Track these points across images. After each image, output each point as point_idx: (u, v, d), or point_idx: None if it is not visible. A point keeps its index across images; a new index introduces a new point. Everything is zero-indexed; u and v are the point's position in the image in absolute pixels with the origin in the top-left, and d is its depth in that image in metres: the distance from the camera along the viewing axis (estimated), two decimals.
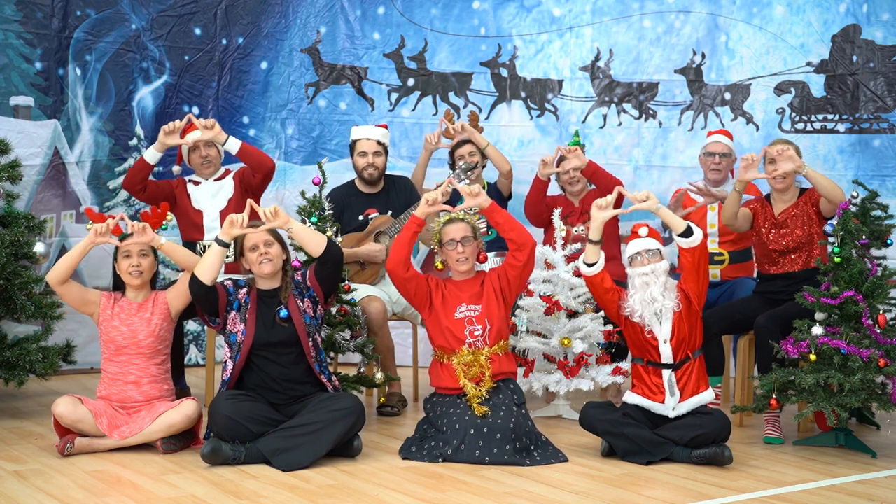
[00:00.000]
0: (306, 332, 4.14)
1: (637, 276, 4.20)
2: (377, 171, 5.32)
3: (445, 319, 4.32)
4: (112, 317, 4.27)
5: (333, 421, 3.94)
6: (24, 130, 5.77)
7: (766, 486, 3.78)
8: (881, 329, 4.29)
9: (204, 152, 5.20)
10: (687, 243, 4.15)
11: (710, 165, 5.55)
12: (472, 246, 4.37)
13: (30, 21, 5.84)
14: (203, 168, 5.23)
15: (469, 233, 4.37)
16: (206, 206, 5.16)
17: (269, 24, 6.59)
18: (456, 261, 4.36)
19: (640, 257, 4.23)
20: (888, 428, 4.88)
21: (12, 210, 5.08)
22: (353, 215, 5.30)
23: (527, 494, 3.59)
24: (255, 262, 4.17)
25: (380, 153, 5.32)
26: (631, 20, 6.71)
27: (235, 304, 4.17)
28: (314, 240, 4.19)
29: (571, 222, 5.48)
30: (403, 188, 5.45)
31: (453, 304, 4.34)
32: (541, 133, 6.74)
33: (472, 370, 4.23)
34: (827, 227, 4.51)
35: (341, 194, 5.34)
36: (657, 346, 4.19)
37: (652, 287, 4.15)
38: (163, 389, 4.29)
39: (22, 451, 4.13)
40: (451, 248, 4.36)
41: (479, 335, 4.29)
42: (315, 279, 4.23)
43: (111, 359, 4.26)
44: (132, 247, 4.26)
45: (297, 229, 4.17)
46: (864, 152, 6.31)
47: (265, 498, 3.49)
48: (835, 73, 6.41)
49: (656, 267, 4.19)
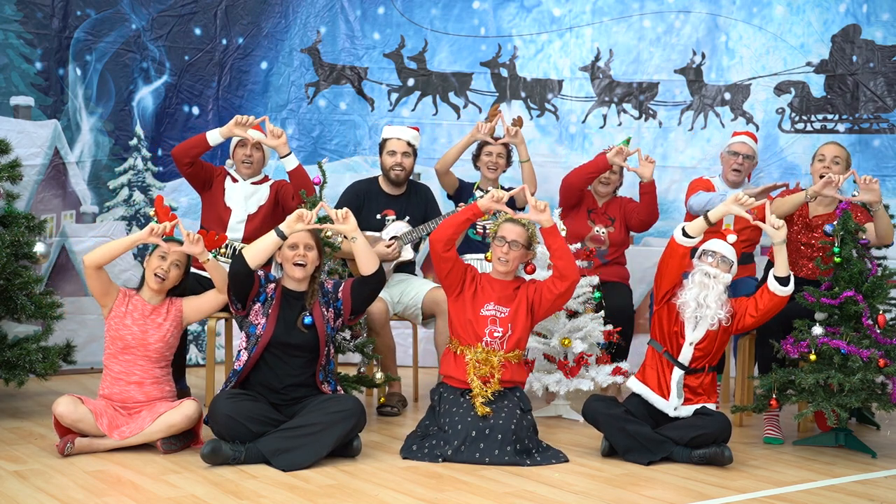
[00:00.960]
0: (325, 342, 4.15)
1: (700, 273, 4.21)
2: (404, 172, 5.31)
3: (471, 312, 4.32)
4: (125, 314, 4.25)
5: (334, 422, 3.94)
6: (24, 130, 5.77)
7: (766, 486, 3.78)
8: (881, 329, 4.29)
9: (249, 151, 5.16)
10: (778, 290, 4.14)
11: (732, 165, 5.54)
12: (518, 252, 4.35)
13: (30, 21, 5.84)
14: (243, 167, 5.19)
15: (522, 239, 4.36)
16: (237, 206, 5.13)
17: (269, 24, 6.59)
18: (497, 258, 4.36)
19: (711, 257, 4.24)
20: (888, 428, 4.88)
21: (12, 210, 5.07)
22: (372, 213, 5.29)
23: (527, 494, 3.59)
24: (288, 260, 4.15)
25: (409, 154, 5.31)
26: (631, 20, 6.71)
27: (262, 296, 4.16)
28: (370, 258, 4.20)
29: (594, 219, 5.59)
30: (424, 196, 5.44)
31: (482, 300, 4.34)
32: (541, 133, 6.74)
33: (482, 369, 4.23)
34: (827, 227, 4.51)
35: (363, 189, 5.33)
36: (681, 344, 4.20)
37: (709, 292, 4.16)
38: (164, 391, 4.29)
39: (22, 451, 4.13)
40: (498, 245, 4.36)
41: (498, 336, 4.28)
42: (349, 294, 4.22)
43: (115, 356, 4.24)
44: (172, 253, 4.26)
45: (361, 243, 4.18)
46: (864, 152, 6.31)
47: (265, 498, 3.49)
48: (835, 73, 6.41)
49: (721, 275, 4.20)
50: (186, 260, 4.35)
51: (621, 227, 5.66)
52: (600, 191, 5.67)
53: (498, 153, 5.62)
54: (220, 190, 5.19)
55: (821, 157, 5.03)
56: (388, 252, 5.13)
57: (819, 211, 4.91)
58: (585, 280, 4.98)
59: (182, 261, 4.31)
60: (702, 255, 4.27)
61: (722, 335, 4.24)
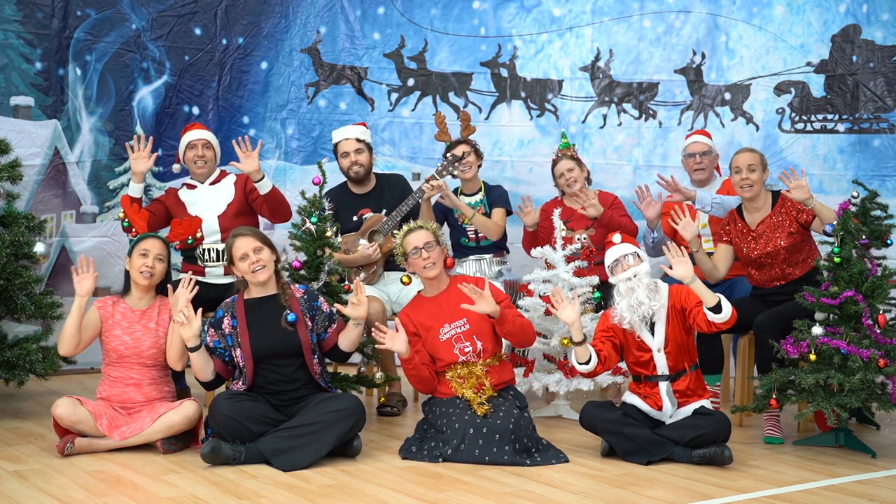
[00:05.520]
0: (309, 340, 4.14)
1: (621, 283, 4.15)
2: (363, 169, 5.29)
3: (431, 345, 4.28)
4: (113, 325, 4.23)
5: (334, 422, 3.94)
6: (24, 130, 5.77)
7: (766, 486, 3.78)
8: (881, 329, 4.28)
9: (201, 151, 5.14)
10: (715, 318, 4.01)
11: (693, 166, 5.55)
12: (436, 251, 4.31)
13: (30, 21, 5.84)
14: (197, 168, 5.15)
15: (431, 238, 4.33)
16: (204, 212, 5.06)
17: (270, 24, 6.59)
18: (423, 268, 4.30)
19: (620, 264, 4.20)
20: (888, 428, 4.88)
21: (12, 210, 5.08)
22: (348, 216, 5.29)
23: (527, 494, 3.59)
24: (247, 272, 4.12)
25: (361, 150, 5.28)
26: (631, 20, 6.71)
27: (230, 339, 4.12)
28: (355, 344, 4.24)
29: (573, 227, 5.42)
30: (397, 185, 5.42)
31: (436, 328, 4.28)
32: (541, 133, 6.74)
33: (469, 381, 4.21)
34: (827, 227, 4.51)
35: (335, 196, 5.29)
36: (651, 358, 4.18)
37: (637, 291, 4.10)
38: (163, 391, 4.28)
39: (22, 451, 4.13)
40: (415, 257, 4.30)
41: (469, 352, 4.26)
42: (327, 344, 4.23)
43: (112, 364, 4.24)
44: (152, 248, 4.24)
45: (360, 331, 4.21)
46: (864, 152, 6.31)
47: (265, 498, 3.49)
48: (834, 73, 6.41)
49: (637, 269, 4.14)
50: (168, 252, 4.32)
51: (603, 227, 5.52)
52: (570, 192, 5.43)
53: (465, 151, 5.47)
54: (180, 205, 5.10)
55: (737, 168, 4.82)
56: (371, 254, 5.13)
57: (758, 217, 4.86)
58: (585, 280, 4.98)
59: (164, 254, 4.28)
60: (613, 270, 4.20)
61: (681, 329, 4.16)
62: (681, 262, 4.08)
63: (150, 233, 4.34)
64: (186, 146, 5.18)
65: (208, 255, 5.02)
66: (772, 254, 4.85)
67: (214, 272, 5.00)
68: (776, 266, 4.88)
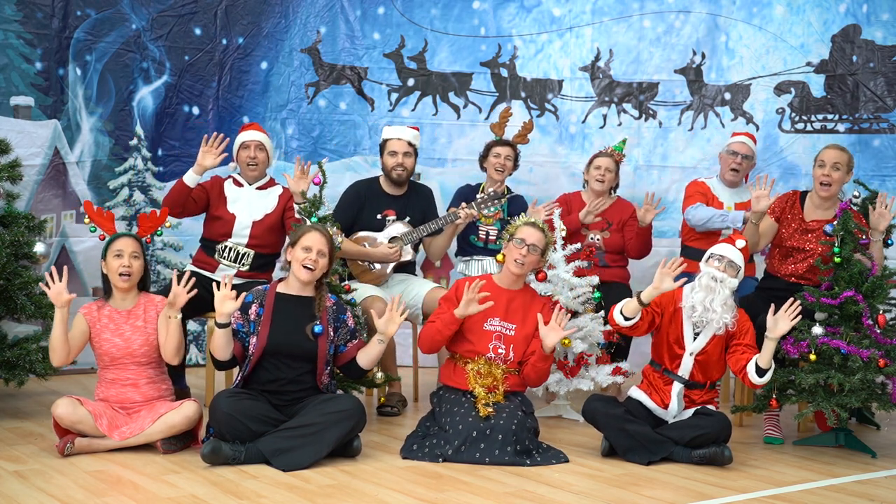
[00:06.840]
0: (326, 351, 4.14)
1: (706, 276, 4.15)
2: (406, 172, 5.29)
3: (470, 326, 4.24)
4: (101, 329, 4.21)
5: (334, 423, 3.94)
6: (24, 130, 5.77)
7: (766, 486, 3.78)
8: (881, 329, 4.29)
9: (253, 153, 5.13)
10: (755, 379, 4.05)
11: (731, 164, 5.53)
12: (535, 257, 4.28)
13: (30, 21, 5.84)
14: (248, 169, 5.15)
15: (541, 244, 4.29)
16: (241, 212, 5.08)
17: (269, 24, 6.59)
18: (514, 260, 4.27)
19: (719, 261, 4.18)
20: (888, 428, 4.88)
21: (12, 210, 5.08)
22: (372, 213, 5.27)
23: (527, 494, 3.59)
24: (299, 261, 4.13)
25: (410, 154, 5.28)
26: (631, 20, 6.71)
27: (252, 326, 4.12)
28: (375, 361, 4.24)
29: (588, 226, 5.55)
30: (425, 197, 5.42)
31: (485, 314, 4.24)
32: (541, 133, 6.74)
33: (485, 380, 4.21)
34: (827, 227, 4.52)
35: (364, 189, 5.31)
36: (680, 356, 4.17)
37: (715, 296, 4.11)
38: (161, 389, 4.28)
39: (22, 451, 4.12)
40: (517, 246, 4.26)
41: (501, 354, 4.25)
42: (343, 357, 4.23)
43: (106, 367, 4.23)
44: (125, 247, 4.22)
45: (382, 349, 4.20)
46: (864, 152, 6.31)
47: (265, 498, 3.49)
48: (835, 73, 6.41)
49: (727, 279, 4.14)
50: (142, 248, 4.29)
51: (619, 232, 5.61)
52: (595, 188, 5.59)
53: (506, 155, 5.60)
54: (222, 198, 5.14)
55: (821, 162, 4.83)
56: (390, 254, 5.13)
57: (817, 215, 4.87)
58: (585, 280, 4.98)
59: (138, 251, 4.25)
60: (709, 259, 4.22)
61: (721, 349, 4.19)
62: (781, 317, 4.06)
63: (120, 232, 4.31)
64: (240, 146, 5.18)
65: (228, 252, 5.02)
66: (805, 252, 4.84)
67: (227, 272, 4.96)
68: (799, 263, 4.87)
